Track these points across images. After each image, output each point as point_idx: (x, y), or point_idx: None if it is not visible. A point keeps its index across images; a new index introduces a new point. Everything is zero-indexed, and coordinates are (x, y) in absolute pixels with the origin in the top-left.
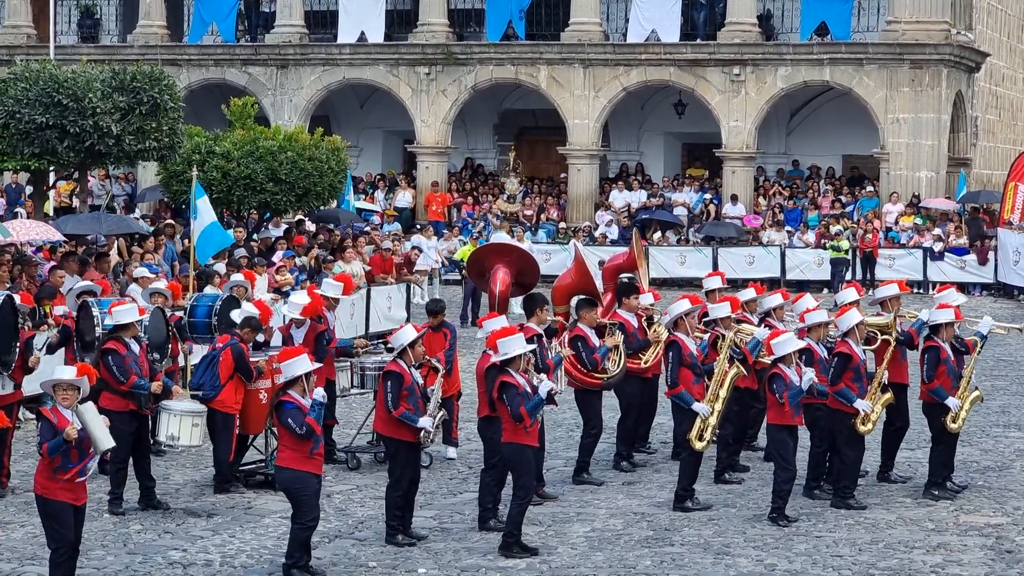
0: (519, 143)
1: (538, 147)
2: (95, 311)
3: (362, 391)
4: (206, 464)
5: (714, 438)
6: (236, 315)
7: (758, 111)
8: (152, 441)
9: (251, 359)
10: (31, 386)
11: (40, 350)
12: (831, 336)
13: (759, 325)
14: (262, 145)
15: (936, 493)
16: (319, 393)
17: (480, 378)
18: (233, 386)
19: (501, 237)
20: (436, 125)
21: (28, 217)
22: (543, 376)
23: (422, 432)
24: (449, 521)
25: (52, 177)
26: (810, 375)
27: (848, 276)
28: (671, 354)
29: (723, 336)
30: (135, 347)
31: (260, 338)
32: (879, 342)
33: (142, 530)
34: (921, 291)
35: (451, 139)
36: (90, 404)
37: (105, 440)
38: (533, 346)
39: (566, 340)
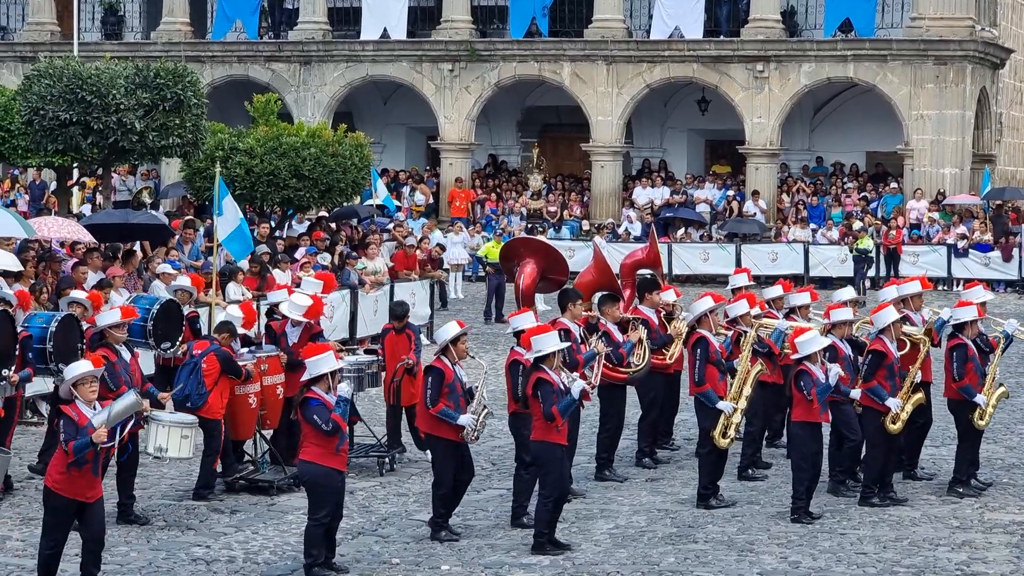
0: (542, 140)
1: (561, 144)
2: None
3: None
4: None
5: (738, 435)
6: (225, 316)
7: (782, 108)
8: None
9: (240, 361)
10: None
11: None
12: (867, 333)
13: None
14: (285, 141)
15: (961, 490)
16: (344, 389)
17: (507, 374)
18: (219, 391)
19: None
20: (459, 122)
21: (52, 214)
22: (575, 375)
23: (464, 429)
24: (472, 518)
25: (76, 174)
26: (836, 370)
27: (871, 273)
28: (698, 351)
29: (745, 333)
30: (126, 354)
31: (251, 334)
32: (909, 347)
33: (165, 526)
34: (945, 288)
35: (475, 136)
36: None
37: (130, 403)
38: (567, 343)
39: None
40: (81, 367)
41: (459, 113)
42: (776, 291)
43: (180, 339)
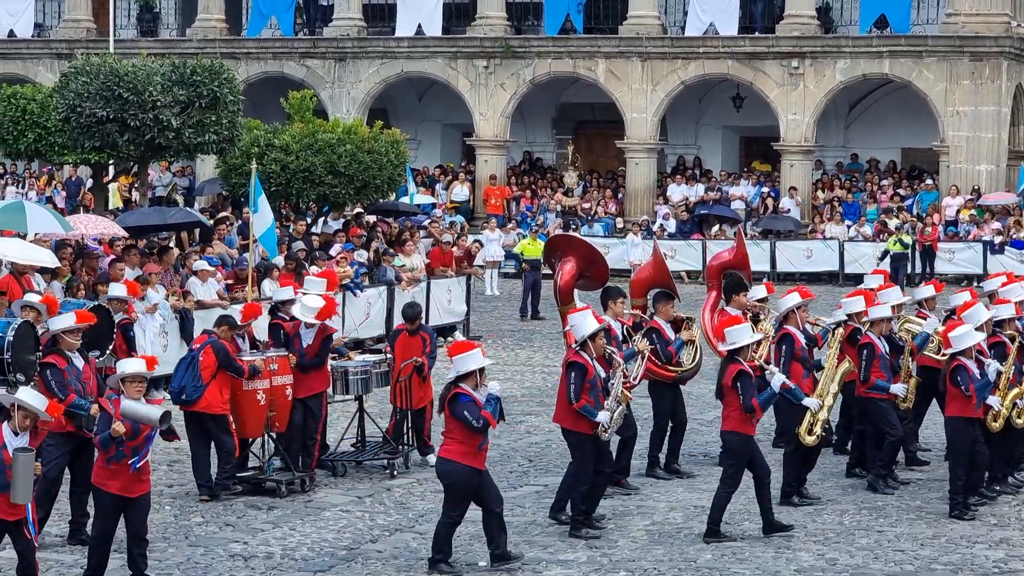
0: (577, 137)
1: (596, 141)
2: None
3: (344, 397)
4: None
5: (823, 433)
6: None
7: (817, 104)
8: None
9: (248, 358)
10: None
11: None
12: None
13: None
14: (321, 138)
15: (997, 488)
16: (494, 387)
17: (563, 373)
18: (217, 386)
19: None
20: (494, 118)
21: (89, 211)
22: (775, 368)
23: (599, 426)
24: (510, 514)
25: (112, 171)
26: (995, 366)
27: (908, 270)
28: (783, 348)
29: (831, 331)
30: (78, 361)
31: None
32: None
33: (203, 523)
34: (981, 285)
35: (510, 132)
36: (128, 401)
37: (153, 412)
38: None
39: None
40: (133, 364)
41: (494, 110)
42: (928, 291)
43: (111, 347)
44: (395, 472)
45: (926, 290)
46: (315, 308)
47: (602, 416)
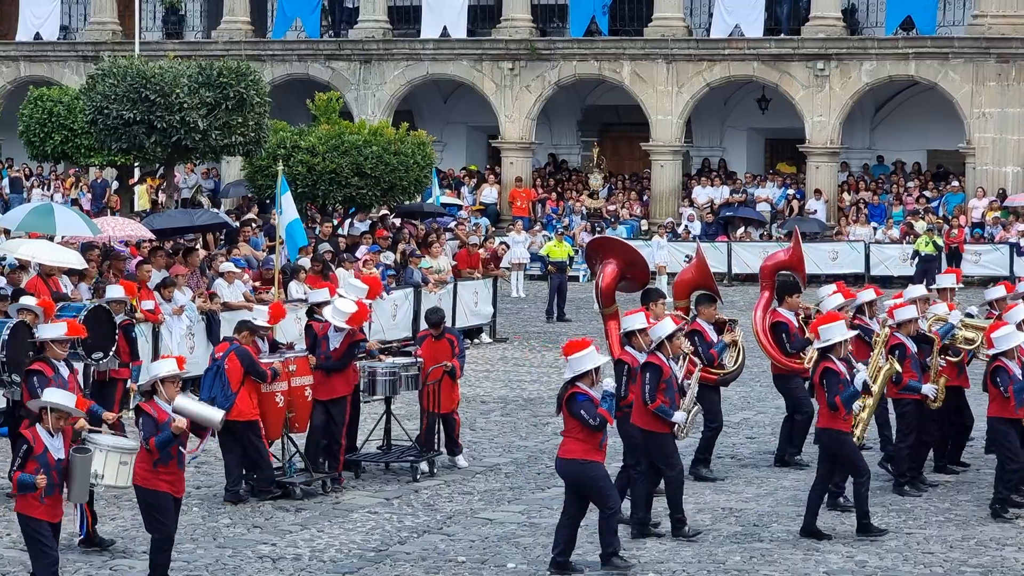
0: (602, 139)
1: (621, 143)
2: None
3: (371, 398)
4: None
5: (864, 434)
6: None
7: (842, 106)
8: None
9: (266, 360)
10: None
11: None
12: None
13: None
14: (347, 139)
15: None
16: (609, 384)
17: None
18: (247, 392)
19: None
20: (520, 120)
21: (114, 213)
22: (860, 365)
23: (676, 426)
24: (538, 516)
25: (137, 173)
26: None
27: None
28: None
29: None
30: (64, 371)
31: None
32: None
33: (231, 524)
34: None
35: (535, 135)
36: (181, 396)
37: (214, 414)
38: (852, 333)
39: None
40: (167, 365)
41: (519, 112)
42: (999, 292)
43: (113, 349)
44: (418, 476)
45: (997, 291)
46: (347, 313)
47: (678, 416)
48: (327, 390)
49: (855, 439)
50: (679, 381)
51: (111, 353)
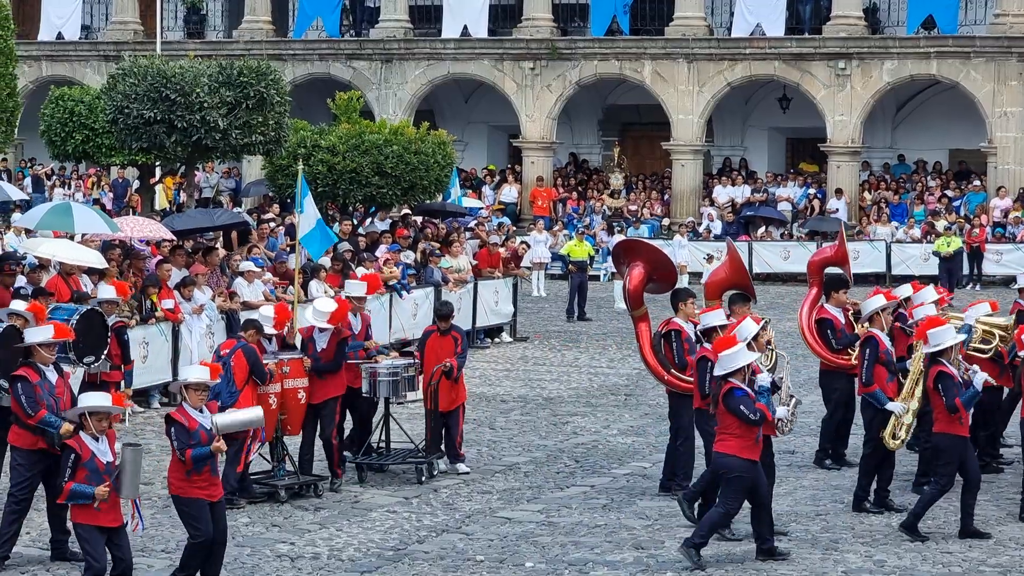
0: (623, 138)
1: (642, 142)
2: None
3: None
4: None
5: (908, 437)
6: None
7: (864, 105)
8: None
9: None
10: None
11: None
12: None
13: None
14: (368, 139)
15: None
16: (765, 378)
17: (694, 371)
18: (250, 390)
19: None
20: (541, 120)
21: (135, 212)
22: (976, 367)
23: (778, 421)
24: (556, 515)
25: (158, 172)
26: None
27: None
28: (867, 351)
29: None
30: (51, 376)
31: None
32: None
33: (250, 523)
34: None
35: (556, 134)
36: (221, 415)
37: (254, 413)
38: (964, 336)
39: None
40: (197, 371)
41: (540, 112)
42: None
43: (105, 352)
44: (422, 479)
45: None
46: (327, 312)
47: (781, 411)
48: (320, 393)
49: (899, 442)
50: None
51: (103, 356)
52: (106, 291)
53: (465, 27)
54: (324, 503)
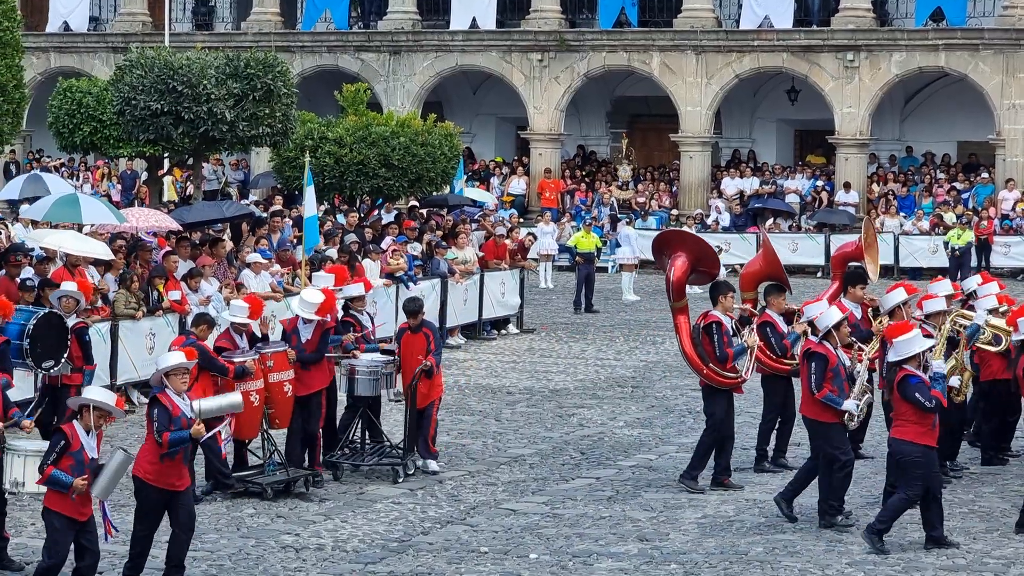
0: (631, 130)
1: (650, 134)
2: None
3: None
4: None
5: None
6: (228, 313)
7: (872, 97)
8: None
9: (240, 358)
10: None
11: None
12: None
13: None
14: (375, 131)
15: None
16: (940, 366)
17: (802, 365)
18: (201, 388)
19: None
20: (549, 112)
21: (143, 204)
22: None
23: (846, 415)
24: (561, 507)
25: (166, 164)
26: None
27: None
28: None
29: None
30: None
31: (257, 333)
32: None
33: (255, 514)
34: None
35: (564, 126)
36: (202, 400)
37: (233, 398)
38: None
39: (754, 327)
40: (173, 358)
41: (548, 103)
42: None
43: (65, 355)
44: (399, 479)
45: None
46: (314, 304)
47: (848, 404)
48: (304, 386)
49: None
50: (847, 369)
51: (63, 360)
52: (68, 285)
53: (473, 19)
54: (329, 494)
